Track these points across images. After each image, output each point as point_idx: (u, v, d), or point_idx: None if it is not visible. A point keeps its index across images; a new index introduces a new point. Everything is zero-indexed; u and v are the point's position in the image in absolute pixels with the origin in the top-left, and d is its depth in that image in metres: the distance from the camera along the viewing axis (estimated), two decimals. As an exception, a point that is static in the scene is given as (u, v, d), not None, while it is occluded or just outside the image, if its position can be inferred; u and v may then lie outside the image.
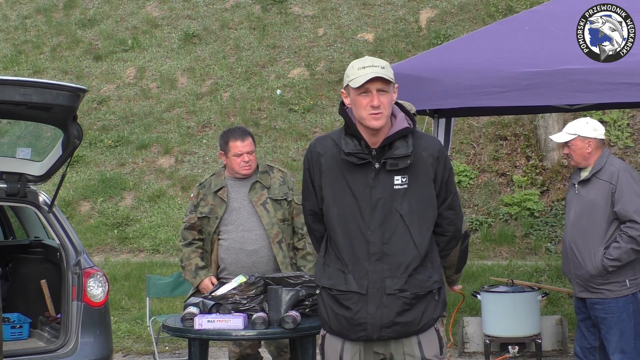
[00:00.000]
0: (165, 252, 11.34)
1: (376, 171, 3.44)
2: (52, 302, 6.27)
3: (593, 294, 5.37)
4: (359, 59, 3.50)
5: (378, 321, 3.42)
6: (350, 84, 3.43)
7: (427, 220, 3.50)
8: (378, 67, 3.40)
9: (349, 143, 3.46)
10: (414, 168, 3.45)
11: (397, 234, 3.42)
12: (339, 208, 3.48)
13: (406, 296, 3.43)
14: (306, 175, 3.62)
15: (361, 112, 3.42)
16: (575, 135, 5.42)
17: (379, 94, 3.40)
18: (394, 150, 3.44)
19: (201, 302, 4.66)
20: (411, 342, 3.50)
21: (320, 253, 3.62)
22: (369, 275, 3.41)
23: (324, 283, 3.53)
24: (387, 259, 3.41)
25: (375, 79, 3.38)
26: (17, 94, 4.99)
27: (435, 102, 6.35)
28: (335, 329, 3.53)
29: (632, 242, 5.17)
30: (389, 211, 3.42)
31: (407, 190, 3.44)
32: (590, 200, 5.35)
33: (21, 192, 5.78)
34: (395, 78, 3.53)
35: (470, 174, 11.95)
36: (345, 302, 3.45)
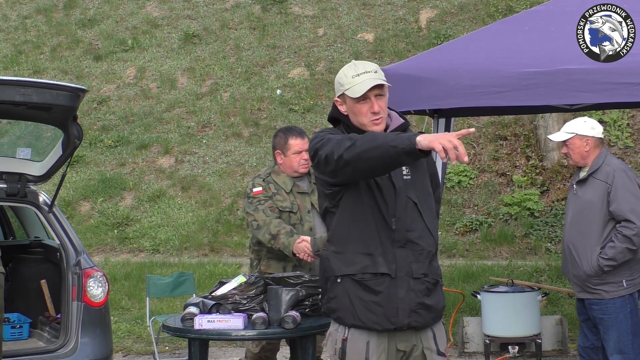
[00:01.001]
0: (165, 252, 11.34)
1: None
2: (52, 302, 6.27)
3: (590, 294, 5.38)
4: (348, 65, 3.51)
5: (407, 305, 3.44)
6: (347, 93, 3.46)
7: (432, 210, 3.60)
8: (371, 72, 3.44)
9: None
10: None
11: (416, 222, 3.49)
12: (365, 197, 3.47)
13: (429, 280, 3.50)
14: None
15: (362, 119, 3.47)
16: (574, 134, 5.44)
17: (377, 98, 3.45)
18: None
19: (201, 302, 4.67)
20: (427, 336, 3.54)
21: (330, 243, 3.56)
22: (397, 259, 3.44)
23: (347, 270, 3.46)
24: (411, 245, 3.47)
25: (374, 86, 3.42)
26: (17, 94, 5.00)
27: (435, 102, 6.34)
28: (363, 320, 3.44)
29: (627, 241, 5.18)
30: (406, 200, 3.49)
31: (411, 180, 3.52)
32: (587, 200, 5.36)
33: (21, 192, 5.78)
34: (395, 78, 3.56)
35: (470, 174, 11.95)
36: (375, 287, 3.42)
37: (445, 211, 11.20)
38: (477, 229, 11.05)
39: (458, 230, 11.09)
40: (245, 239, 11.40)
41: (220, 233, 11.58)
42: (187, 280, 7.88)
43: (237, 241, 11.38)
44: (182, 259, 11.03)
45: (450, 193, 11.64)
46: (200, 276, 9.98)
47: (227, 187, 12.48)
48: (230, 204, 12.12)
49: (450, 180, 11.68)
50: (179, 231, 11.65)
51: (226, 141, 13.41)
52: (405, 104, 6.39)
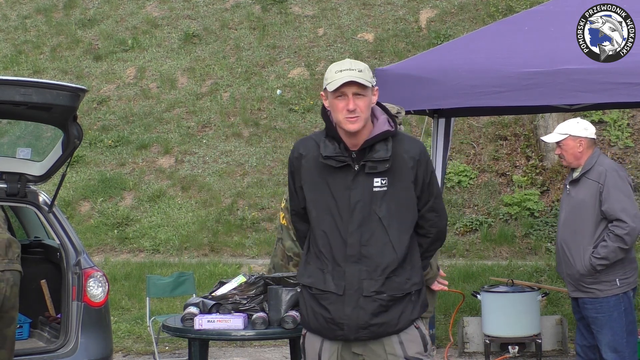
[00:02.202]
0: (165, 252, 11.34)
1: (355, 173, 3.45)
2: (52, 302, 6.27)
3: (584, 293, 5.40)
4: (339, 61, 3.51)
5: (354, 322, 3.43)
6: (327, 87, 3.45)
7: (406, 223, 3.50)
8: (355, 70, 3.41)
9: (328, 146, 3.48)
10: (394, 170, 3.46)
11: (375, 237, 3.43)
12: (318, 209, 3.50)
13: (383, 298, 3.43)
14: (289, 177, 3.66)
15: (338, 115, 3.44)
16: (567, 135, 5.46)
17: (355, 97, 3.40)
18: (373, 153, 3.45)
19: (201, 302, 4.66)
20: (392, 342, 3.49)
21: (303, 251, 3.64)
22: (347, 276, 3.43)
23: (304, 281, 3.56)
24: (365, 260, 3.43)
25: (351, 83, 3.38)
26: (17, 94, 5.00)
27: (435, 102, 6.36)
28: (314, 328, 3.55)
29: (619, 240, 5.21)
30: (367, 213, 3.43)
31: (386, 192, 3.45)
32: (580, 200, 5.39)
33: (21, 192, 5.78)
34: (395, 78, 3.54)
35: (470, 174, 11.95)
36: (323, 302, 3.47)
37: (445, 211, 11.18)
38: (477, 229, 11.05)
39: (458, 230, 11.09)
40: (245, 239, 11.40)
41: (220, 233, 11.58)
42: (187, 280, 7.89)
43: (237, 241, 11.38)
44: (182, 259, 11.03)
45: (450, 193, 11.64)
46: (200, 276, 9.98)
47: (227, 187, 12.48)
48: (230, 204, 12.12)
49: (450, 180, 11.68)
50: (179, 231, 11.65)
51: (226, 141, 13.41)
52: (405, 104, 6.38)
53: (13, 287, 4.91)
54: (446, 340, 7.89)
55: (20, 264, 5.12)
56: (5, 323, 4.92)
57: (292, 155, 3.62)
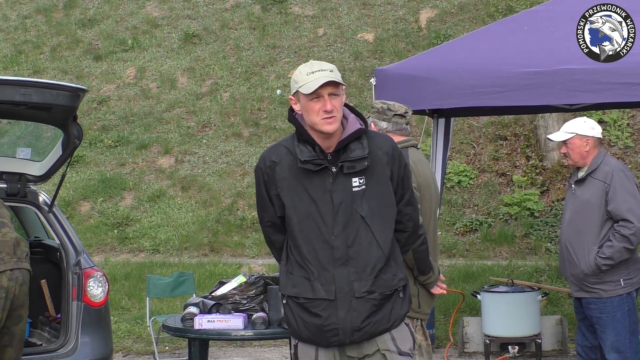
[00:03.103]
0: (165, 252, 11.34)
1: (334, 175, 3.41)
2: (52, 302, 6.27)
3: (588, 293, 5.38)
4: (304, 64, 3.48)
5: (349, 325, 3.39)
6: (300, 90, 3.42)
7: (388, 219, 3.49)
8: (327, 70, 3.38)
9: (303, 150, 3.44)
10: (370, 168, 3.43)
11: (360, 236, 3.40)
12: (299, 215, 3.44)
13: (375, 297, 3.41)
14: (260, 187, 3.57)
15: (313, 117, 3.41)
16: (574, 134, 5.44)
17: (331, 97, 3.38)
18: (349, 152, 3.42)
19: (201, 302, 4.67)
20: (385, 339, 3.48)
21: (282, 261, 3.56)
22: (336, 280, 3.38)
23: (290, 292, 3.48)
24: (353, 262, 3.39)
25: (327, 84, 3.36)
26: (17, 94, 5.00)
27: (435, 102, 6.35)
28: (306, 338, 3.48)
29: (625, 240, 5.20)
30: (350, 214, 3.40)
31: (365, 191, 3.42)
32: (585, 199, 5.37)
33: (21, 192, 5.78)
34: (395, 78, 3.53)
35: (470, 174, 11.95)
36: (314, 310, 3.41)
37: (445, 211, 11.20)
38: (477, 229, 11.05)
39: (458, 230, 11.09)
40: (245, 239, 11.40)
41: (220, 233, 11.58)
42: (187, 280, 7.89)
43: (237, 241, 11.38)
44: (182, 259, 11.03)
45: (450, 193, 11.64)
46: (200, 276, 9.98)
47: (227, 187, 12.48)
48: (230, 204, 12.12)
49: (450, 180, 11.68)
50: (179, 231, 11.65)
51: (226, 141, 13.41)
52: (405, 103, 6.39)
53: (22, 285, 4.91)
54: (446, 340, 7.89)
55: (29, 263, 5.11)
56: (13, 321, 4.91)
57: (263, 164, 3.53)
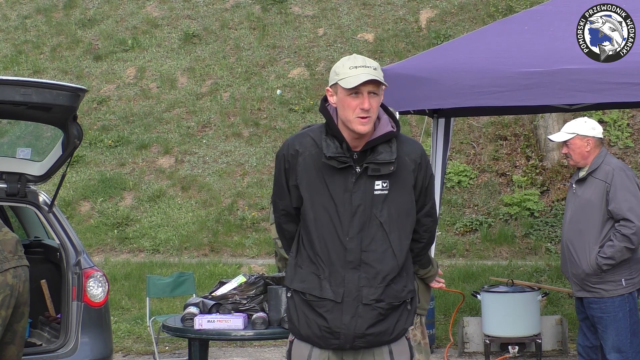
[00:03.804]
0: (165, 252, 11.35)
1: (357, 175, 3.30)
2: (52, 302, 6.27)
3: (589, 293, 5.39)
4: (348, 57, 3.34)
5: (352, 331, 3.29)
6: (340, 83, 3.27)
7: (406, 229, 3.38)
8: (370, 68, 3.26)
9: (330, 145, 3.30)
10: (396, 174, 3.32)
11: (376, 242, 3.30)
12: (316, 211, 3.32)
13: (382, 306, 3.31)
14: (280, 173, 3.43)
15: (348, 114, 3.26)
16: (574, 134, 5.44)
17: (370, 96, 3.25)
18: (376, 154, 3.30)
19: (201, 302, 4.67)
20: (382, 352, 3.38)
21: (292, 253, 3.45)
22: (346, 283, 3.28)
23: (297, 286, 3.36)
24: (365, 267, 3.29)
25: (369, 82, 3.23)
26: (17, 94, 5.00)
27: (435, 102, 6.35)
28: (305, 335, 3.37)
29: (626, 240, 5.20)
30: (368, 218, 3.29)
31: (387, 196, 3.31)
32: (586, 199, 5.37)
33: (21, 192, 5.78)
34: (395, 78, 3.48)
35: (470, 174, 11.95)
36: (319, 309, 3.31)
37: (445, 211, 11.20)
38: (477, 229, 11.05)
39: (458, 230, 11.09)
40: (245, 239, 11.40)
41: (220, 233, 11.58)
42: (187, 280, 7.89)
43: (237, 241, 11.38)
44: (182, 259, 11.03)
45: (450, 193, 11.64)
46: (200, 276, 9.98)
47: (227, 187, 12.47)
48: (230, 204, 12.12)
49: (450, 180, 11.68)
50: (179, 231, 11.65)
51: (226, 141, 13.41)
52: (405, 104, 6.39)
53: (25, 282, 4.93)
54: (446, 340, 7.89)
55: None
56: (16, 318, 4.92)
57: (287, 151, 3.39)
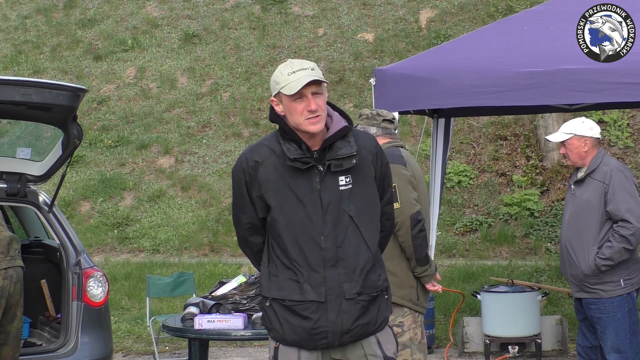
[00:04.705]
0: (165, 252, 11.35)
1: (322, 174, 3.32)
2: (52, 302, 6.27)
3: (588, 293, 5.39)
4: (284, 64, 3.35)
5: (339, 328, 3.32)
6: (283, 91, 3.29)
7: (375, 219, 3.43)
8: (308, 69, 3.28)
9: (290, 148, 3.31)
10: (356, 167, 3.36)
11: (349, 237, 3.33)
12: (287, 217, 3.33)
13: (364, 299, 3.35)
14: (241, 187, 3.42)
15: (297, 118, 3.28)
16: (572, 135, 5.45)
17: (314, 97, 3.28)
18: (335, 150, 3.33)
19: (201, 302, 4.67)
20: (370, 342, 3.42)
21: (263, 264, 3.45)
22: (327, 282, 3.30)
23: (275, 294, 3.36)
24: (343, 263, 3.32)
25: (310, 83, 3.25)
26: (17, 94, 5.00)
27: (435, 102, 6.35)
28: (291, 341, 3.37)
29: (624, 241, 5.20)
30: (338, 214, 3.32)
31: (352, 190, 3.34)
32: (584, 200, 5.37)
33: (21, 192, 5.78)
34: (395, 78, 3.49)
35: (470, 174, 11.95)
36: (303, 312, 3.32)
37: (445, 211, 11.20)
38: (477, 229, 11.05)
39: (458, 230, 11.09)
40: (245, 239, 11.39)
41: (220, 233, 11.58)
42: (187, 280, 7.89)
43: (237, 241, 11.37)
44: (182, 259, 11.03)
45: (450, 193, 11.64)
46: (200, 276, 9.98)
47: (227, 187, 12.47)
48: (230, 204, 12.10)
49: (450, 180, 11.68)
50: (179, 231, 11.65)
51: (226, 141, 13.41)
52: (405, 104, 6.40)
53: (17, 283, 4.92)
54: (446, 340, 7.89)
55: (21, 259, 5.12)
56: (7, 319, 4.92)
57: (246, 164, 3.38)
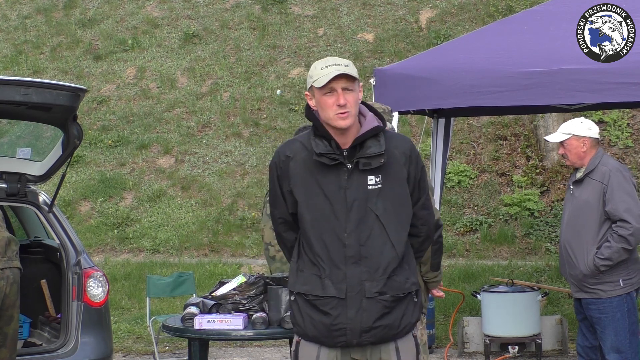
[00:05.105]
0: (165, 252, 11.35)
1: (349, 172, 3.36)
2: (52, 302, 6.27)
3: (587, 294, 5.39)
4: (321, 59, 3.42)
5: (358, 326, 3.34)
6: (314, 85, 3.36)
7: (402, 220, 3.43)
8: (341, 65, 3.34)
9: (319, 144, 3.37)
10: (387, 167, 3.38)
11: (374, 235, 3.36)
12: (312, 212, 3.39)
13: (386, 299, 3.35)
14: (274, 182, 3.50)
15: (327, 112, 3.35)
16: (570, 135, 5.45)
17: (345, 92, 3.33)
18: (365, 149, 3.36)
19: (201, 302, 4.67)
20: (389, 349, 3.42)
21: (293, 259, 3.50)
22: (347, 279, 3.34)
23: (299, 289, 3.42)
24: (365, 261, 3.34)
25: (340, 77, 3.31)
26: (17, 94, 5.00)
27: (435, 102, 6.36)
28: (312, 336, 3.42)
29: (623, 241, 5.20)
30: (364, 212, 3.35)
31: (381, 190, 3.37)
32: (583, 200, 5.37)
33: (21, 192, 5.78)
34: (395, 78, 3.50)
35: (470, 174, 11.94)
36: (323, 308, 3.36)
37: (445, 211, 11.20)
38: (477, 229, 11.05)
39: (458, 230, 11.09)
40: (245, 239, 11.40)
41: (220, 233, 11.58)
42: (187, 280, 7.89)
43: (237, 241, 11.38)
44: (182, 259, 11.03)
45: (450, 193, 11.64)
46: (200, 276, 9.98)
47: (227, 187, 12.48)
48: (230, 204, 12.12)
49: (450, 180, 11.68)
50: (179, 231, 11.65)
51: (226, 141, 13.41)
52: (405, 103, 6.40)
53: (13, 284, 4.92)
54: (446, 340, 7.89)
55: (19, 261, 5.12)
56: (4, 321, 4.92)
57: (278, 159, 3.48)
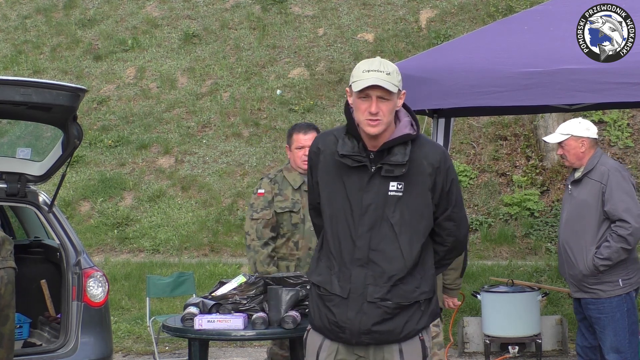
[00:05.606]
0: (165, 252, 11.35)
1: (370, 175, 3.38)
2: (52, 302, 6.27)
3: (586, 294, 5.40)
4: (369, 59, 3.41)
5: (356, 327, 3.38)
6: (352, 86, 3.36)
7: (418, 231, 3.41)
8: (383, 72, 3.31)
9: (346, 143, 3.40)
10: (412, 176, 3.38)
11: (385, 242, 3.37)
12: (331, 208, 3.45)
13: (388, 305, 3.36)
14: (308, 170, 3.61)
15: (359, 115, 3.36)
16: (569, 135, 5.46)
17: (379, 101, 3.32)
18: (391, 156, 3.37)
19: (201, 302, 4.66)
20: (392, 350, 3.42)
21: (317, 246, 3.58)
22: (352, 279, 3.37)
23: (314, 279, 3.51)
24: (372, 265, 3.36)
25: (376, 86, 3.30)
26: (17, 94, 5.00)
27: (435, 102, 6.35)
28: (317, 326, 3.51)
29: (622, 241, 5.20)
30: (379, 218, 3.37)
31: (401, 198, 3.37)
32: (582, 200, 5.38)
33: (21, 192, 5.78)
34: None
35: (470, 174, 11.95)
36: (328, 304, 3.43)
37: (445, 211, 11.19)
38: (477, 229, 11.06)
39: (458, 230, 11.08)
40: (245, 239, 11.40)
41: (220, 233, 11.58)
42: (187, 280, 7.89)
43: (237, 241, 11.38)
44: (182, 259, 11.03)
45: (450, 193, 11.63)
46: (200, 276, 9.98)
47: (227, 187, 12.48)
48: (230, 204, 12.12)
49: (450, 180, 11.67)
50: (179, 231, 11.65)
51: (226, 141, 13.41)
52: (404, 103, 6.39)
53: (8, 285, 4.91)
54: (446, 340, 7.89)
55: (14, 260, 5.11)
56: (1, 321, 4.91)
57: (311, 149, 3.56)
